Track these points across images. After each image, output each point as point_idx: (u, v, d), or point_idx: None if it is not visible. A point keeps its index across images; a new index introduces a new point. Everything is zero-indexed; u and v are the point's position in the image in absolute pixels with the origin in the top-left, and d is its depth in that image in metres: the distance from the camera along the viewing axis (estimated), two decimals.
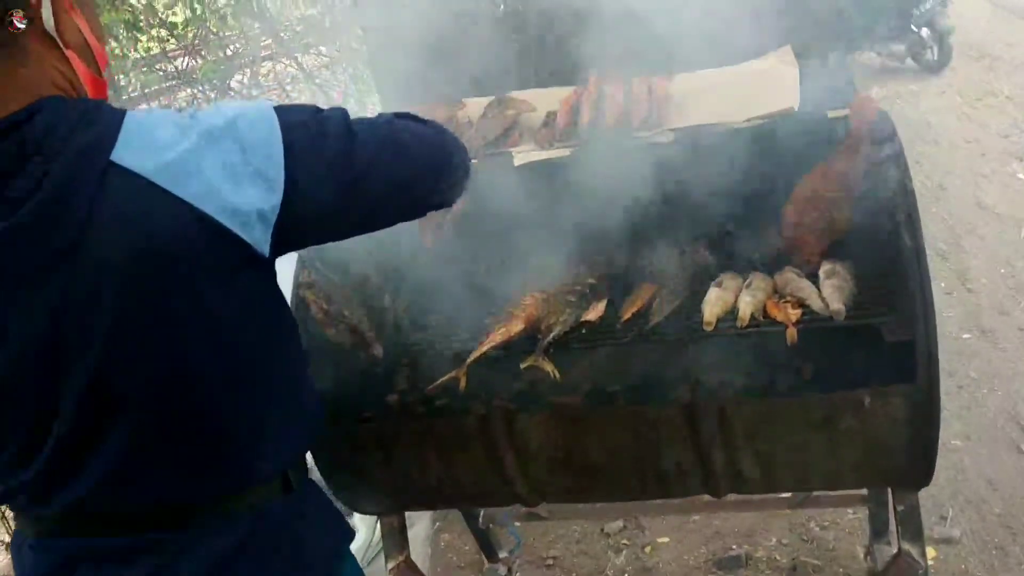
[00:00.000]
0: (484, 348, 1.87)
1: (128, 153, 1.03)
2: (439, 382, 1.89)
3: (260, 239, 1.09)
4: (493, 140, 2.17)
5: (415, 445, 1.96)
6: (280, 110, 1.13)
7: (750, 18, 2.14)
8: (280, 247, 1.14)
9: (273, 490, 1.25)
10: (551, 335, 1.84)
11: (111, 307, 1.04)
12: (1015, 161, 6.00)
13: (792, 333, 1.69)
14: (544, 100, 2.26)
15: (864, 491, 2.47)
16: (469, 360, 1.86)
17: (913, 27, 7.66)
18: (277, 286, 1.22)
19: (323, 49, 6.46)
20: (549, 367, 1.77)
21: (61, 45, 1.10)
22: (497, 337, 1.88)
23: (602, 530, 3.19)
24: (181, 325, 1.08)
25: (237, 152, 1.07)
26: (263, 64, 6.32)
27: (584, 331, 1.88)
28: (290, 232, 1.13)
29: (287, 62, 6.18)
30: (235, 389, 1.16)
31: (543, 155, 2.01)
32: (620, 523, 3.18)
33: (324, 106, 1.19)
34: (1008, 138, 6.42)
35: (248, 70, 5.86)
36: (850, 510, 2.99)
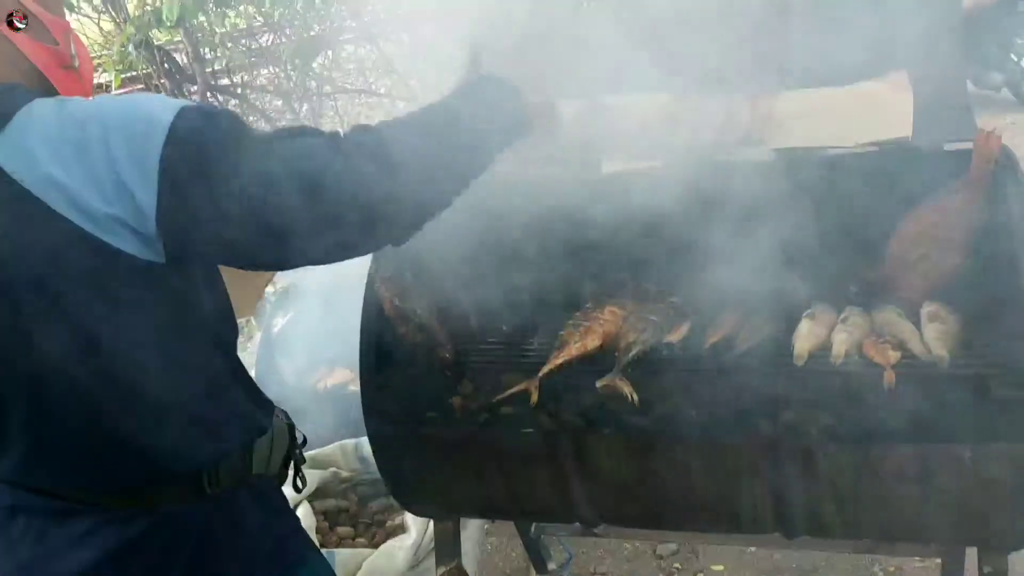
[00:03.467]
0: (558, 361, 1.80)
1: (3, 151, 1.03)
2: (509, 392, 1.82)
3: (141, 248, 1.06)
4: (580, 146, 2.09)
5: (475, 453, 1.90)
6: (185, 115, 1.05)
7: (860, 37, 2.03)
8: (186, 255, 1.10)
9: (182, 492, 1.23)
10: (630, 354, 1.76)
11: None
12: None
13: (890, 376, 1.59)
14: (637, 107, 2.17)
15: None
16: (542, 372, 1.79)
17: (1013, 56, 7.34)
18: (192, 289, 1.17)
19: (404, 37, 6.47)
20: (627, 389, 1.69)
21: None
22: (573, 351, 1.81)
23: (655, 551, 3.10)
24: (51, 327, 1.07)
25: (104, 159, 1.02)
26: (344, 47, 6.36)
27: (665, 352, 1.80)
28: (186, 245, 1.08)
29: (368, 47, 6.20)
30: (115, 389, 1.13)
31: (632, 166, 1.93)
32: (674, 546, 3.08)
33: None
34: None
35: (330, 52, 5.88)
36: (917, 558, 2.84)
